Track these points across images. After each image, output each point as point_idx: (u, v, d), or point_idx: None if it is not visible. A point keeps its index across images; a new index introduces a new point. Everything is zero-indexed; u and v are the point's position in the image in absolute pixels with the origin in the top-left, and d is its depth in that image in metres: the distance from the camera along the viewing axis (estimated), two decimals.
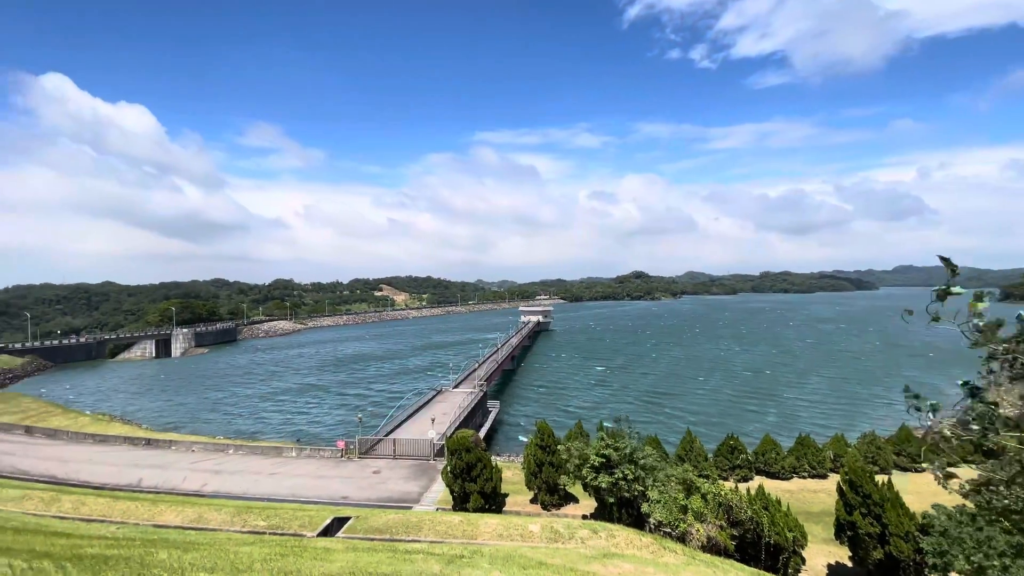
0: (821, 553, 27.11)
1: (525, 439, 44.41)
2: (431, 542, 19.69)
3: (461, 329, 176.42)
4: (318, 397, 74.50)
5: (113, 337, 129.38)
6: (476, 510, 27.07)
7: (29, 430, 48.61)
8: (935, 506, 20.79)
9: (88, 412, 63.74)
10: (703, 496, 22.92)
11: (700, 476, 24.73)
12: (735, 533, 22.67)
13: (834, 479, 36.73)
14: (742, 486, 29.79)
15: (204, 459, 39.58)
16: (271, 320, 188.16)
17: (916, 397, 4.48)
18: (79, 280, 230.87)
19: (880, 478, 24.96)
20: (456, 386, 61.48)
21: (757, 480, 36.36)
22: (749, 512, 22.95)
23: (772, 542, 23.16)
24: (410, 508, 28.60)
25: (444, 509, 28.28)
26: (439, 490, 31.76)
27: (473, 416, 49.93)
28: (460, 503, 28.02)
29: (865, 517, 23.24)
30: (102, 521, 23.69)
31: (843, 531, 24.36)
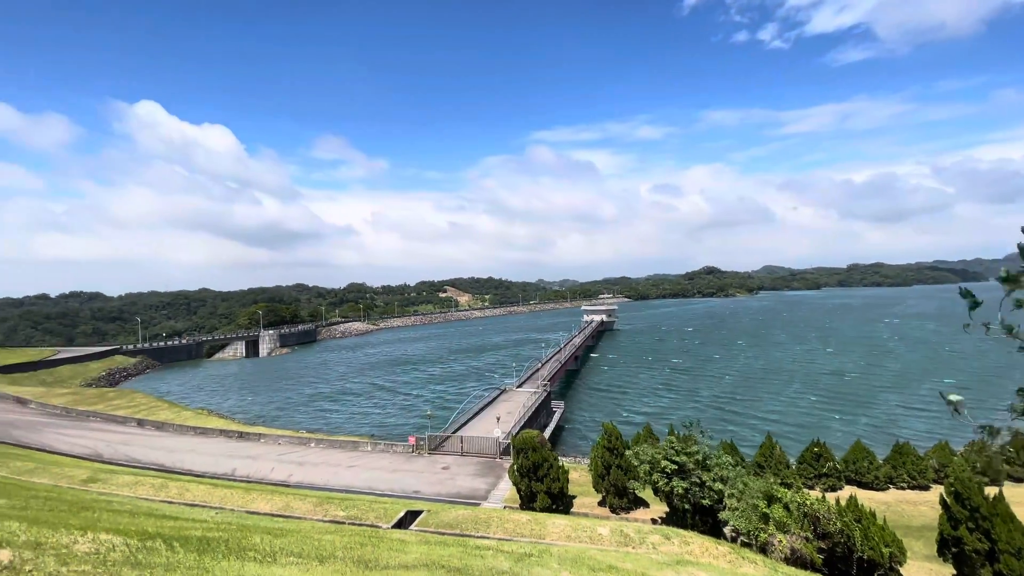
0: (921, 571, 24.62)
1: (591, 440, 43.84)
2: (500, 539, 19.89)
3: (523, 329, 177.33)
4: (389, 394, 77.74)
5: (209, 339, 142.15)
6: (543, 510, 27.08)
7: (140, 423, 54.48)
8: None
9: (190, 407, 70.43)
10: (785, 505, 21.51)
11: (782, 484, 23.23)
12: (823, 546, 21.08)
13: (937, 491, 33.23)
14: (830, 496, 27.67)
15: (289, 451, 42.50)
16: (346, 322, 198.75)
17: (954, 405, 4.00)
18: (180, 288, 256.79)
19: (990, 490, 22.28)
20: (520, 385, 61.85)
21: (847, 490, 33.62)
22: (839, 524, 21.25)
23: (865, 557, 21.32)
24: (478, 505, 29.10)
25: (511, 507, 28.52)
26: (506, 488, 32.09)
27: (537, 416, 49.99)
28: (527, 502, 28.14)
29: (972, 532, 20.87)
30: (203, 506, 26.06)
31: (947, 547, 21.99)
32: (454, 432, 43.06)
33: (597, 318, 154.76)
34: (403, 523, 23.78)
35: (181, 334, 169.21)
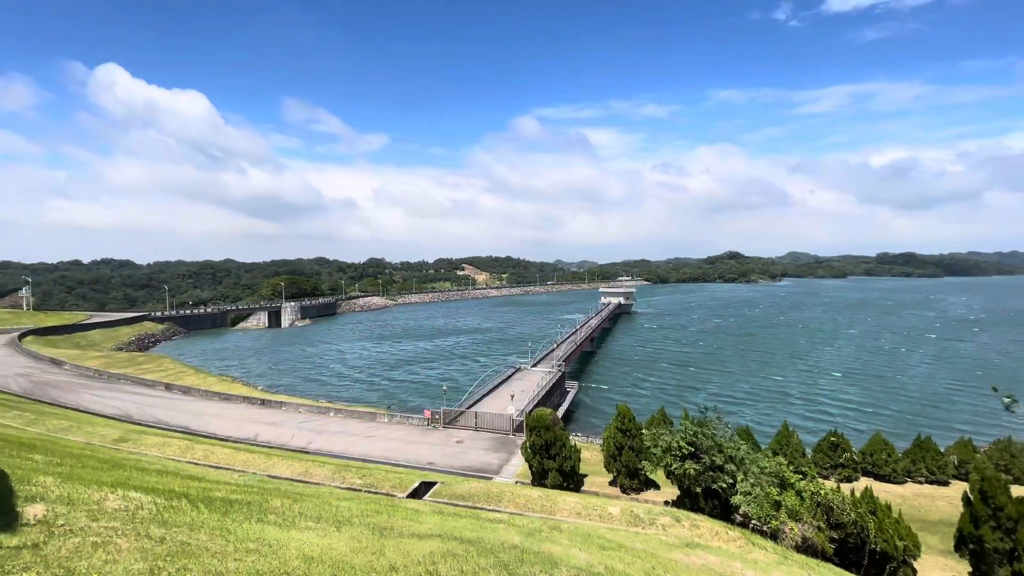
0: (936, 566, 24.39)
1: (604, 421, 44.03)
2: (511, 514, 20.26)
3: (541, 308, 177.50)
4: (407, 367, 79.07)
5: (234, 308, 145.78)
6: (554, 487, 27.44)
7: (168, 387, 56.52)
8: None
9: (215, 373, 72.75)
10: (799, 493, 21.39)
11: (796, 472, 23.06)
12: (835, 536, 20.97)
13: (956, 486, 32.66)
14: (845, 487, 27.41)
15: (309, 420, 43.71)
16: (365, 296, 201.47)
17: (1007, 399, 3.75)
18: (206, 258, 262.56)
19: (1015, 489, 21.76)
20: (535, 365, 62.20)
21: (863, 481, 33.26)
22: (853, 515, 21.07)
23: (878, 549, 21.15)
24: (490, 479, 29.63)
25: (523, 483, 28.98)
26: (518, 464, 32.56)
27: (551, 395, 50.32)
28: (538, 479, 28.53)
29: (995, 531, 20.48)
30: (227, 469, 27.07)
31: (965, 544, 21.66)
32: (469, 408, 43.67)
33: (615, 301, 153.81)
34: (418, 493, 24.37)
35: (207, 303, 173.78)
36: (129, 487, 7.98)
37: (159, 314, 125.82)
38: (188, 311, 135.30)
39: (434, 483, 25.48)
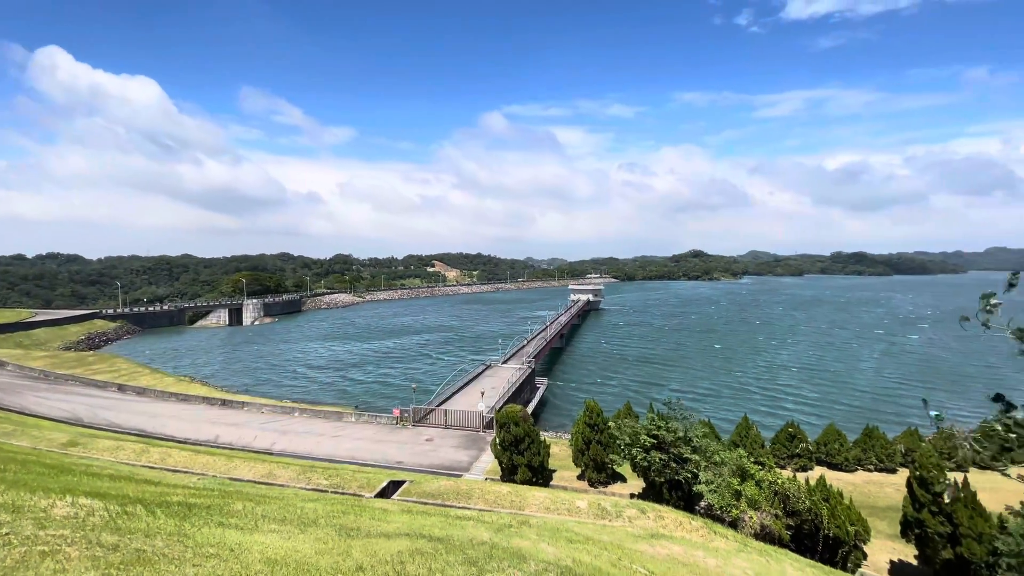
0: (884, 549, 25.78)
1: (573, 416, 44.56)
2: (480, 510, 20.31)
3: (511, 305, 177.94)
4: (374, 366, 77.91)
5: (192, 305, 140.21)
6: (523, 482, 27.64)
7: (121, 388, 53.98)
8: (1008, 509, 19.11)
9: (172, 373, 69.90)
10: (757, 483, 22.22)
11: (755, 463, 23.94)
12: (791, 523, 21.90)
13: (903, 474, 34.54)
14: (801, 476, 28.64)
15: (272, 420, 42.57)
16: (332, 293, 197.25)
17: (934, 413, 4.24)
18: (162, 253, 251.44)
19: (956, 475, 23.19)
20: (505, 362, 62.36)
21: (818, 471, 34.83)
22: (807, 503, 22.05)
23: (831, 535, 22.21)
24: (460, 476, 29.60)
25: (492, 479, 29.07)
26: (488, 461, 32.63)
27: (521, 391, 50.58)
28: (508, 474, 28.69)
29: (935, 516, 21.79)
30: (185, 472, 26.11)
31: (910, 528, 22.98)
32: (438, 405, 43.44)
33: (583, 298, 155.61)
34: (386, 492, 24.12)
35: (163, 300, 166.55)
36: (79, 493, 7.62)
37: (111, 312, 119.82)
38: (143, 308, 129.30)
39: (403, 482, 25.27)
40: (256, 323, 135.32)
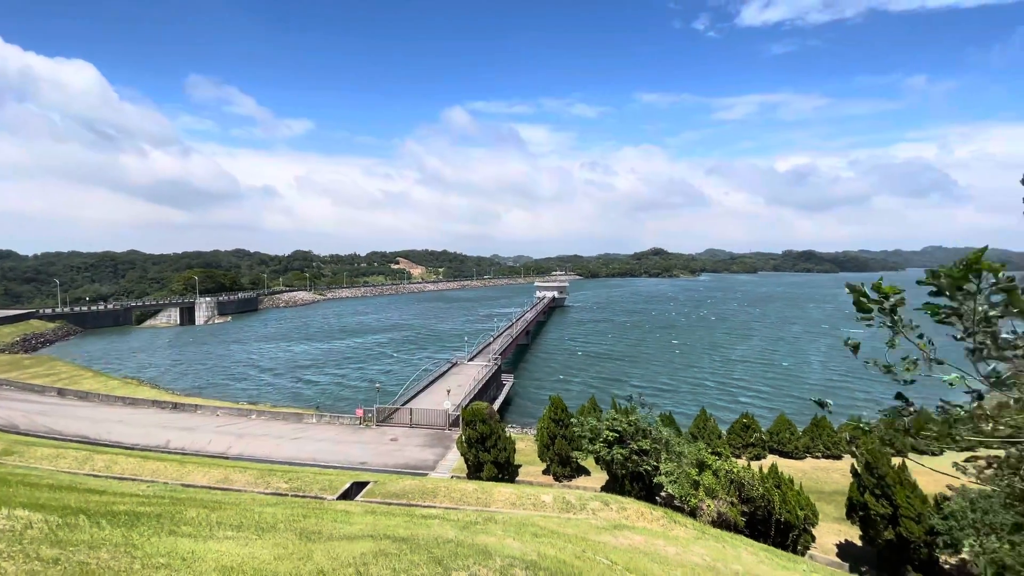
0: (831, 532, 27.23)
1: (539, 412, 44.93)
2: (446, 508, 20.24)
3: (476, 302, 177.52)
4: (336, 366, 76.17)
5: (139, 304, 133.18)
6: (489, 479, 27.71)
7: (62, 392, 50.77)
8: (943, 492, 20.63)
9: (117, 376, 66.22)
10: (715, 472, 23.06)
11: (713, 453, 24.83)
12: (746, 510, 22.84)
13: (848, 460, 36.56)
14: (755, 464, 29.88)
15: (228, 423, 41.00)
16: (291, 291, 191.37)
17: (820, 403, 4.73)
18: (106, 248, 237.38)
19: (896, 460, 24.73)
20: (471, 359, 62.20)
21: (770, 459, 36.41)
22: (761, 490, 23.05)
23: (783, 519, 23.31)
24: (426, 475, 29.39)
25: (459, 477, 29.00)
26: (454, 459, 32.52)
27: (488, 388, 50.60)
28: (474, 472, 28.68)
29: (878, 499, 23.18)
30: (133, 479, 24.85)
31: (855, 511, 24.38)
32: (403, 404, 42.93)
33: (549, 294, 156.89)
34: (349, 494, 23.69)
35: (107, 298, 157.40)
36: (15, 504, 7.15)
37: (49, 311, 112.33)
38: (85, 308, 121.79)
39: (367, 483, 24.88)
40: (210, 322, 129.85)
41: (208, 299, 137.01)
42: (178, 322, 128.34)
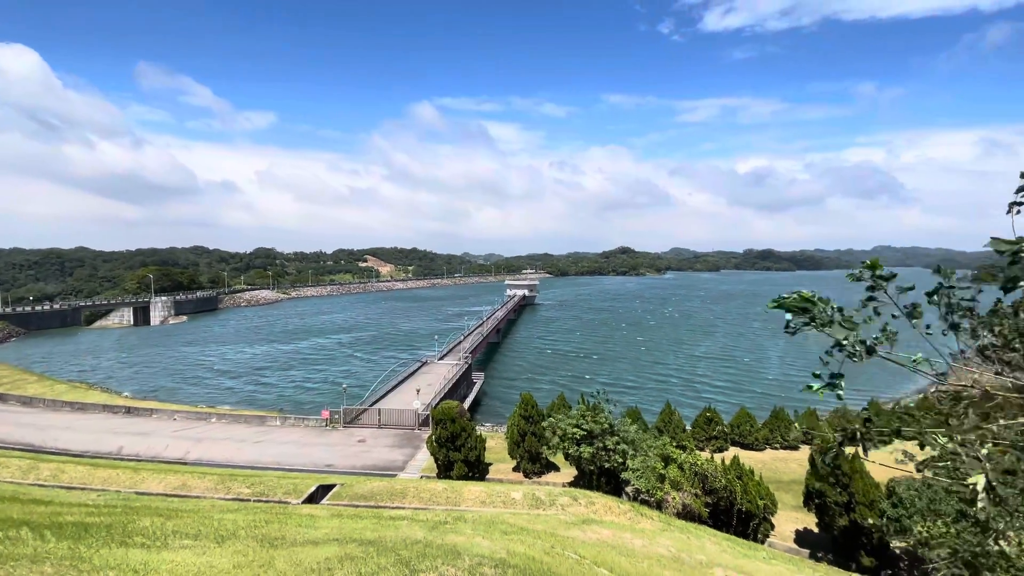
0: (790, 520, 28.32)
1: (510, 409, 45.05)
2: (415, 509, 20.05)
3: (445, 301, 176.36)
4: (302, 367, 74.31)
5: (89, 304, 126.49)
6: (460, 478, 27.59)
7: (3, 397, 47.75)
8: (892, 480, 21.76)
9: (64, 380, 62.74)
10: (680, 466, 23.64)
11: (678, 447, 25.45)
12: (709, 501, 23.52)
13: (805, 450, 38.10)
14: (717, 456, 30.76)
15: (186, 427, 39.44)
16: (253, 289, 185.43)
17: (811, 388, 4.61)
18: (51, 245, 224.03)
19: (849, 450, 25.93)
20: (441, 358, 61.77)
21: (732, 451, 37.56)
22: (723, 481, 23.76)
23: (744, 509, 24.11)
24: (395, 476, 29.02)
25: (428, 477, 28.77)
26: (424, 459, 32.23)
27: (458, 387, 50.36)
28: (444, 471, 28.51)
29: (833, 487, 24.23)
30: (82, 488, 23.61)
31: (811, 499, 25.40)
32: (372, 405, 42.25)
33: (519, 292, 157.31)
34: (314, 498, 23.16)
35: (53, 298, 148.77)
36: None
37: None
38: (28, 308, 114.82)
39: (333, 485, 24.39)
40: (166, 323, 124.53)
41: (164, 298, 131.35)
42: (132, 322, 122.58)
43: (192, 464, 31.48)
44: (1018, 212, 3.64)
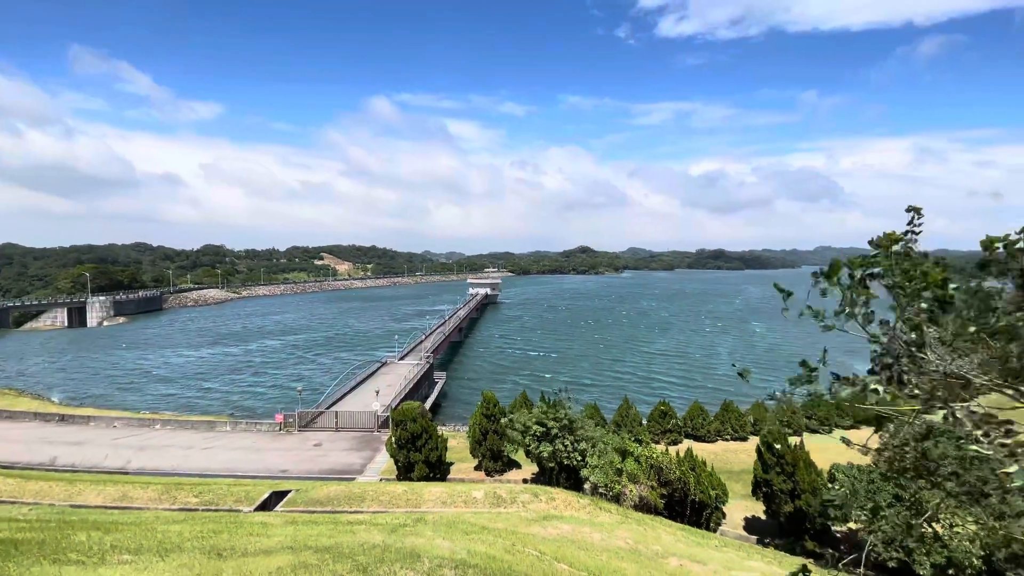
0: (740, 508, 29.59)
1: (472, 409, 44.95)
2: (374, 512, 19.73)
3: (403, 300, 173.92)
4: (252, 370, 71.53)
5: (18, 304, 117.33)
6: (421, 479, 27.34)
7: None
8: (834, 466, 23.13)
9: None
10: (636, 459, 24.29)
11: (634, 440, 26.12)
12: (664, 492, 24.29)
13: (754, 441, 39.88)
14: (672, 449, 31.76)
15: (128, 435, 37.26)
16: (200, 288, 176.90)
17: (741, 374, 4.84)
18: None
19: (793, 440, 27.31)
20: (402, 358, 60.91)
21: (686, 443, 38.88)
22: (677, 473, 24.59)
23: (697, 499, 25.03)
24: (353, 480, 28.43)
25: (388, 479, 28.35)
26: (383, 461, 31.73)
27: (419, 387, 49.83)
28: (405, 473, 28.17)
29: (779, 475, 25.50)
30: (12, 502, 21.92)
31: (760, 488, 26.63)
32: (328, 407, 41.20)
33: (482, 291, 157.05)
34: (268, 505, 22.41)
35: None
36: None
37: None
38: None
39: (287, 491, 23.67)
40: (104, 324, 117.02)
41: (102, 298, 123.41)
42: (66, 324, 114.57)
43: (134, 473, 29.78)
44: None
